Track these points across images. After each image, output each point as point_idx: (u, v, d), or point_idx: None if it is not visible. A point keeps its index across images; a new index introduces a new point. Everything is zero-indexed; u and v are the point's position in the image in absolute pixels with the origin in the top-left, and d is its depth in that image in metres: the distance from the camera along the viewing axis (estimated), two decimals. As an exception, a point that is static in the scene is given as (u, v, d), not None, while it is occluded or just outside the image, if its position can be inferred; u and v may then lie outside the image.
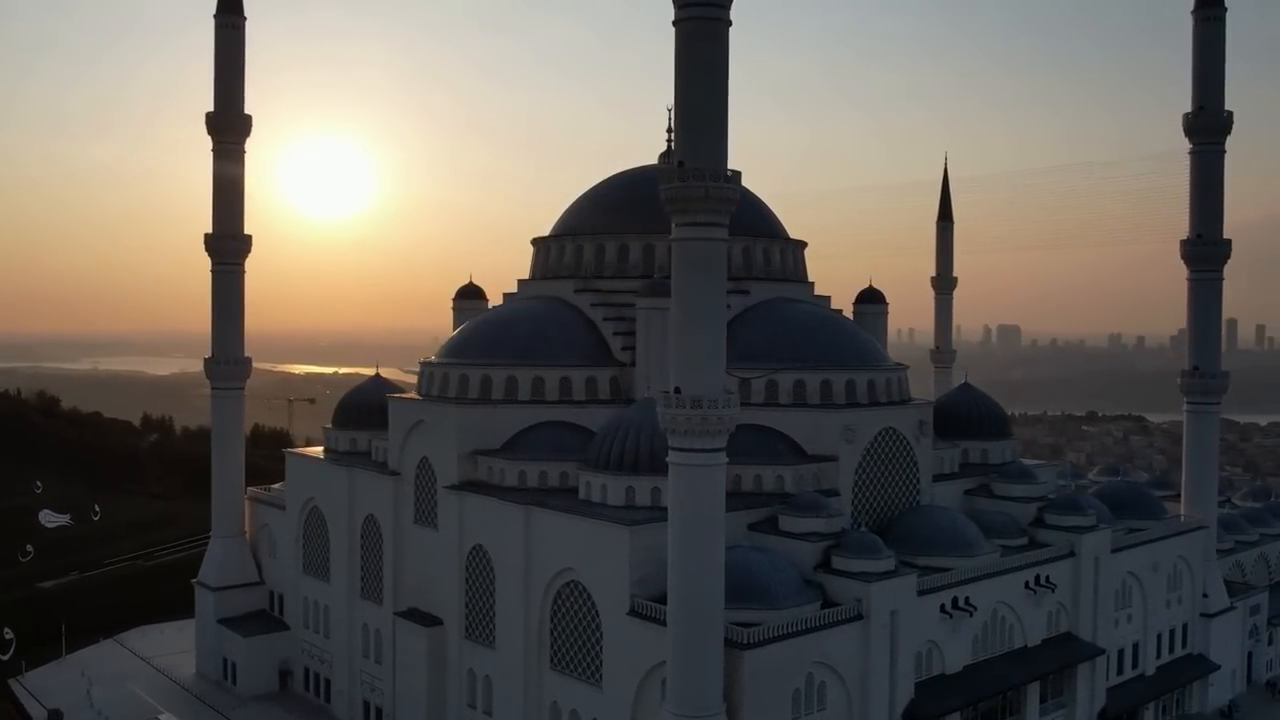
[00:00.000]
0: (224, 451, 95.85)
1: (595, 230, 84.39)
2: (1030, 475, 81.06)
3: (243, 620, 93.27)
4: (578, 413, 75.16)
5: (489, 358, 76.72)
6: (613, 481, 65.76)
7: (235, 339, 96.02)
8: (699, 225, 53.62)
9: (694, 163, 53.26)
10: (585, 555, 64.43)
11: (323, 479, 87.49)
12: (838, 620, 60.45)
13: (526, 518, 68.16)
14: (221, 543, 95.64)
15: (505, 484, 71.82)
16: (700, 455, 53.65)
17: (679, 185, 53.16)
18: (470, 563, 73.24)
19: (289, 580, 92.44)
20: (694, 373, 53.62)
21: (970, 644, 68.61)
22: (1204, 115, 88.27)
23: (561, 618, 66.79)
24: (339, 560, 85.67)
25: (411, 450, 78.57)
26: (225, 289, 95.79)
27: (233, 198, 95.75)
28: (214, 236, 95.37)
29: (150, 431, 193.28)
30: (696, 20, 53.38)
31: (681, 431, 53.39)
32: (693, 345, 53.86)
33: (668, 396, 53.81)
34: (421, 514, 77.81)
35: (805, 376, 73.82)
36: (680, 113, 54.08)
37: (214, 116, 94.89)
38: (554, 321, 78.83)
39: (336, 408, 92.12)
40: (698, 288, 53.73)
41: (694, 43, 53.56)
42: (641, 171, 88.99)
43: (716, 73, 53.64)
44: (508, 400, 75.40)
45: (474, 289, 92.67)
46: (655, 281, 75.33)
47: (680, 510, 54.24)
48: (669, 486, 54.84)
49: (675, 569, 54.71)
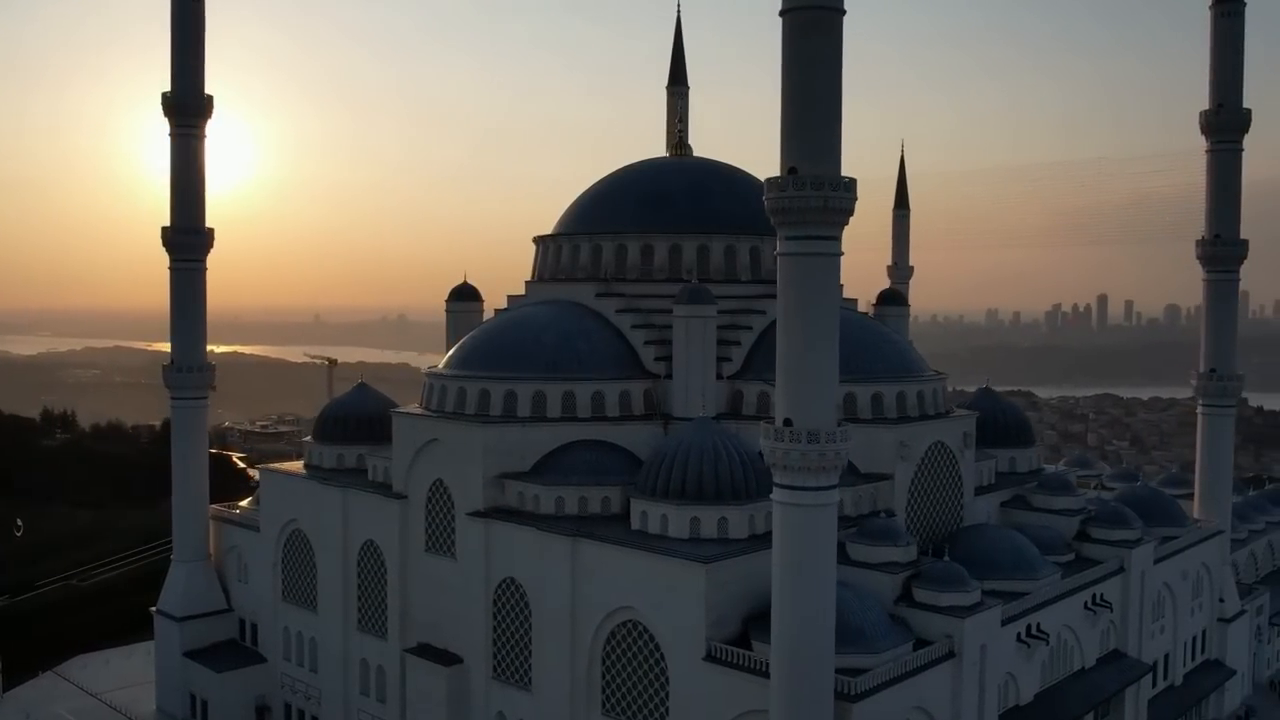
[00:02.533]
0: (187, 468, 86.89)
1: (616, 228, 78.03)
2: (1071, 486, 78.31)
3: (212, 653, 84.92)
4: (612, 430, 69.17)
5: (512, 371, 70.01)
6: (675, 511, 60.16)
7: (197, 343, 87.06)
8: (812, 239, 48.32)
9: (807, 169, 47.89)
10: (649, 593, 58.76)
11: (309, 500, 79.59)
12: (934, 661, 56.28)
13: (573, 550, 62.10)
14: (185, 568, 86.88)
15: (541, 511, 65.52)
16: (812, 494, 48.68)
17: (793, 195, 47.73)
18: (500, 597, 66.86)
19: (264, 608, 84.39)
20: (808, 404, 48.49)
21: (1039, 671, 65.46)
22: (1224, 113, 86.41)
23: (616, 660, 61.10)
24: (330, 589, 78.15)
25: (422, 471, 71.55)
26: (185, 288, 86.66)
27: (192, 187, 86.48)
28: (173, 231, 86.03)
29: (52, 429, 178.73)
30: (809, 10, 47.96)
31: (796, 468, 48.27)
32: (806, 373, 48.67)
33: (778, 430, 48.57)
34: (435, 542, 70.96)
35: (856, 390, 69.22)
36: (789, 113, 48.54)
37: (171, 97, 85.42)
38: (579, 330, 72.49)
39: (319, 419, 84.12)
40: (811, 309, 48.50)
41: (805, 36, 48.13)
42: (659, 164, 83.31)
43: (830, 68, 48.30)
44: (535, 418, 68.90)
45: (469, 290, 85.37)
46: (695, 288, 69.79)
47: (788, 554, 49.25)
48: (775, 527, 49.71)
49: (782, 618, 49.69)
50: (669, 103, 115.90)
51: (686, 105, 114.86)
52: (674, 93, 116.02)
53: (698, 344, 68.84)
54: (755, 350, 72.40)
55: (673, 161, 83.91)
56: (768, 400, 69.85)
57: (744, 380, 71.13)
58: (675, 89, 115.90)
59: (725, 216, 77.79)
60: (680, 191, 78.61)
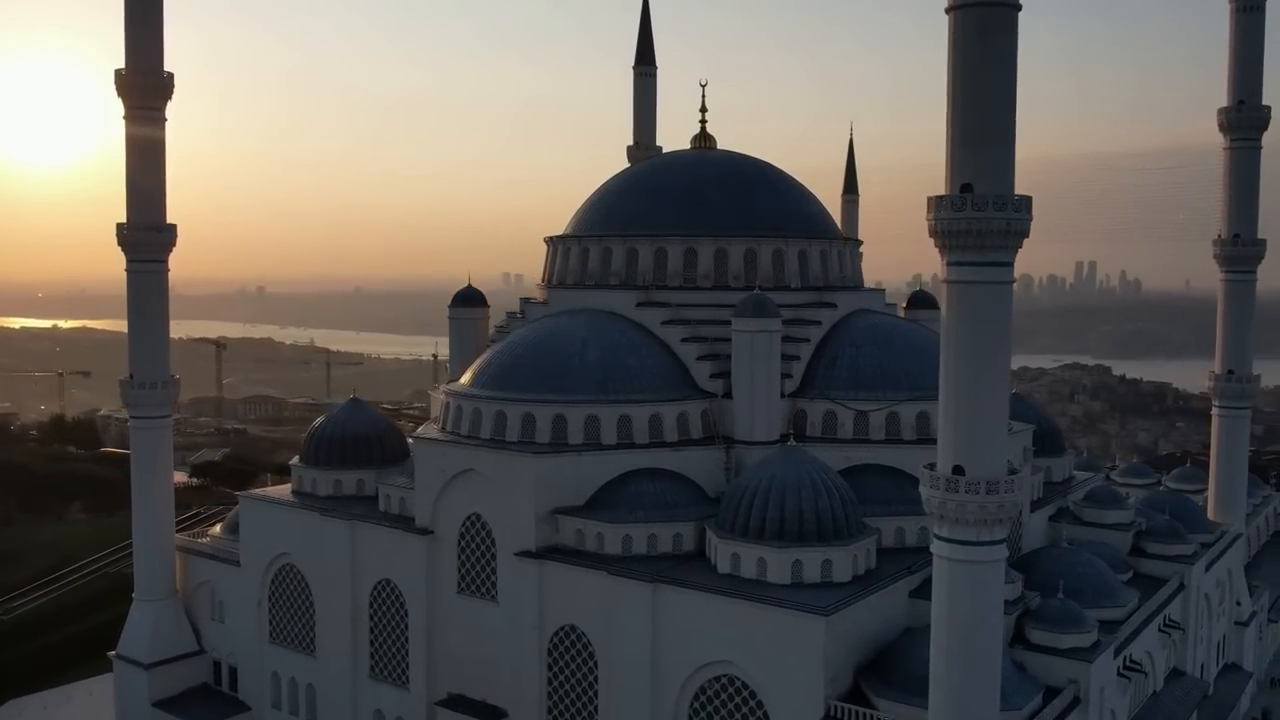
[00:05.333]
0: (149, 497, 76.78)
1: (654, 229, 71.14)
2: (1120, 499, 75.71)
3: (186, 701, 75.73)
4: (672, 457, 62.79)
5: (559, 392, 62.89)
6: (775, 554, 54.47)
7: (160, 354, 76.85)
8: (989, 265, 43.09)
9: (985, 186, 42.56)
10: (751, 646, 53.02)
11: (305, 532, 71.02)
12: (1064, 711, 52.34)
13: (653, 598, 55.89)
14: (151, 608, 77.02)
15: (606, 551, 58.95)
16: (985, 549, 43.83)
17: (973, 216, 42.30)
18: (557, 646, 60.20)
19: (246, 650, 75.54)
20: (981, 450, 43.51)
21: (1129, 704, 62.47)
22: (1245, 111, 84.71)
23: (707, 718, 55.31)
24: (333, 631, 70.03)
25: (453, 504, 64.07)
26: (145, 292, 76.26)
27: (152, 178, 76.02)
28: (130, 228, 75.49)
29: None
30: (986, 6, 42.48)
31: (970, 521, 43.25)
32: (979, 416, 43.56)
33: (948, 480, 43.44)
34: (471, 583, 63.71)
35: (928, 408, 64.56)
36: (962, 123, 43.01)
37: (126, 75, 74.69)
38: (627, 344, 65.74)
39: (309, 439, 75.27)
40: (984, 343, 43.33)
41: (981, 36, 42.61)
42: (688, 158, 76.50)
43: (1006, 72, 42.98)
44: (589, 445, 62.08)
45: (474, 295, 77.48)
46: (759, 298, 63.77)
47: (953, 614, 44.29)
48: (940, 586, 44.65)
49: (944, 685, 44.77)
50: (636, 84, 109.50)
51: (652, 87, 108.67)
52: (641, 73, 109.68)
53: (763, 361, 63.03)
54: (814, 364, 67.01)
55: (699, 155, 77.23)
56: (834, 420, 64.86)
57: (806, 399, 65.64)
58: (642, 69, 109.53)
59: (769, 217, 71.98)
60: (720, 189, 72.30)
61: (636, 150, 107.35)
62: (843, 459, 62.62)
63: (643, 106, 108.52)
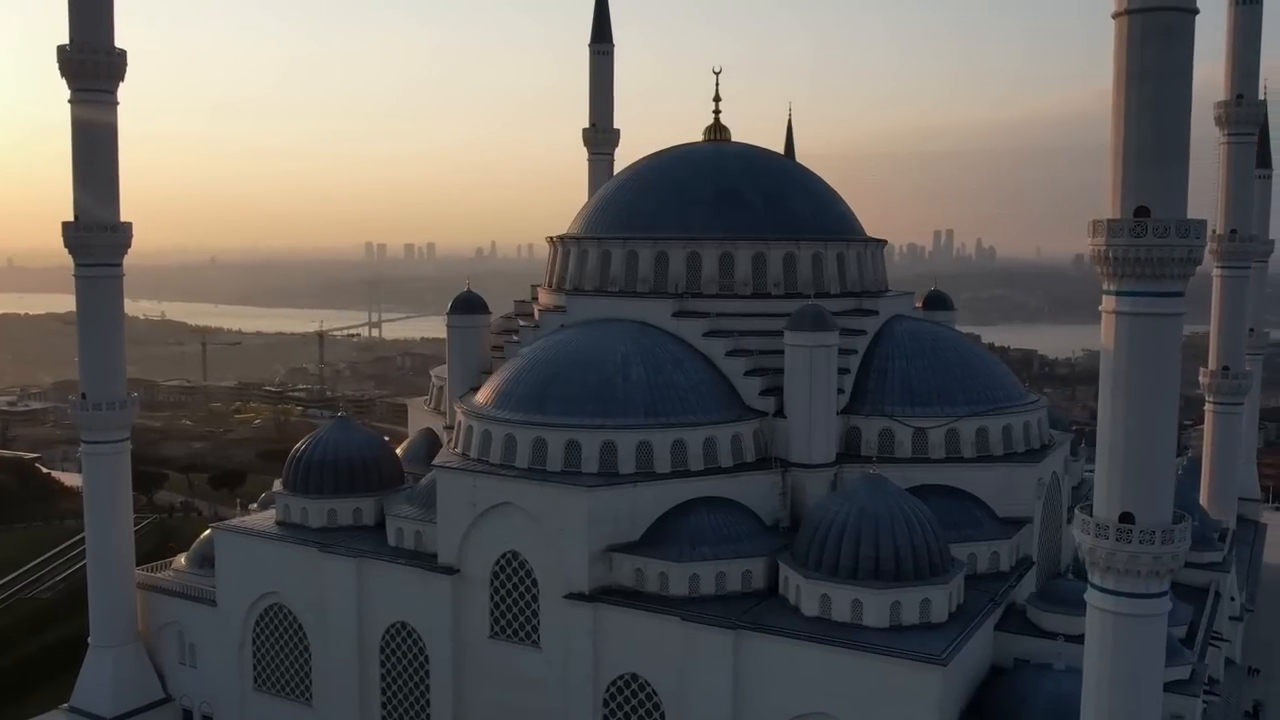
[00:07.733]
0: (107, 533, 68.05)
1: (685, 232, 65.57)
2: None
3: (154, 757, 67.81)
4: (728, 485, 57.83)
5: (604, 416, 57.08)
6: (872, 596, 50.19)
7: (117, 371, 68.00)
8: (1161, 296, 39.40)
9: (1162, 210, 38.78)
10: (854, 697, 48.78)
11: (300, 569, 63.70)
12: (1184, 750, 49.93)
13: (736, 645, 51.12)
14: (110, 655, 68.46)
15: (671, 593, 53.81)
16: (1150, 602, 40.47)
17: (1152, 243, 38.46)
18: (615, 696, 54.90)
19: (224, 698, 68.01)
20: (1150, 497, 39.98)
21: (1195, 723, 60.85)
22: (1243, 105, 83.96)
23: (796, 772, 51.01)
24: (333, 679, 63.12)
25: (485, 541, 57.82)
26: (97, 300, 67.18)
27: (102, 170, 66.71)
28: (78, 228, 66.17)
29: None
30: (1159, 12, 38.53)
31: (1141, 574, 39.77)
32: (1148, 459, 39.96)
33: (1117, 528, 39.84)
34: (508, 627, 57.73)
35: (988, 423, 61.33)
36: (1136, 139, 39.06)
37: (69, 51, 65.09)
38: (670, 359, 60.25)
39: (293, 463, 67.47)
40: (1155, 379, 39.69)
41: (1153, 44, 38.68)
42: (711, 152, 70.84)
43: (1182, 85, 39.19)
44: (642, 474, 56.58)
45: (475, 301, 70.64)
46: (815, 310, 59.08)
47: (1116, 672, 40.87)
48: (1098, 638, 41.14)
49: (1105, 745, 41.42)
50: (592, 63, 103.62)
51: (609, 66, 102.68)
52: (597, 51, 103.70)
53: (822, 378, 58.56)
54: (863, 378, 62.88)
55: (716, 149, 71.70)
56: (891, 439, 60.94)
57: (860, 415, 61.45)
58: (598, 47, 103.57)
59: (805, 219, 67.33)
60: (752, 187, 67.25)
61: (593, 132, 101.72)
62: (902, 479, 58.63)
63: (599, 87, 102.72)
